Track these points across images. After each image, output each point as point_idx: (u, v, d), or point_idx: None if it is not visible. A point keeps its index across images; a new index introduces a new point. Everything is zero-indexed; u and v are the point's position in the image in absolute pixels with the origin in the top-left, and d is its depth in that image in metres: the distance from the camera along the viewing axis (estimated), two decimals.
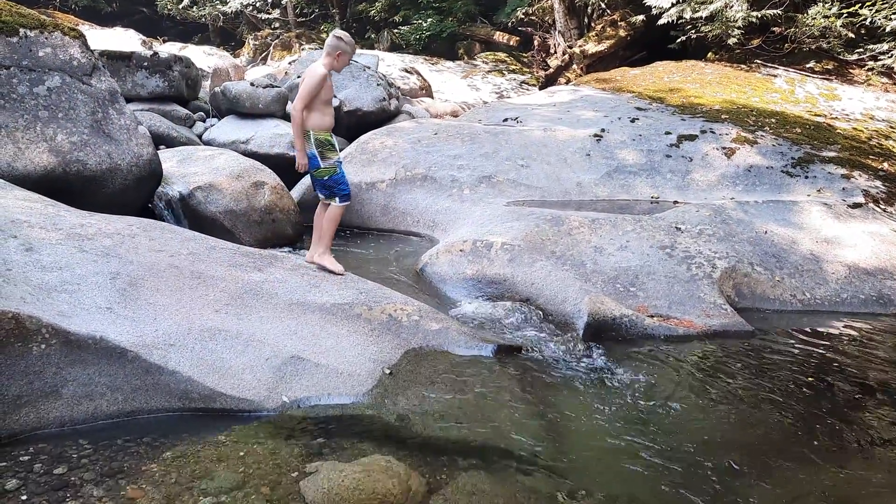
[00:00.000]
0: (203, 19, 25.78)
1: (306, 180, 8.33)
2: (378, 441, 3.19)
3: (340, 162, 4.85)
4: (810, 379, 4.26)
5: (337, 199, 4.86)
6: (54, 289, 3.39)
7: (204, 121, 10.44)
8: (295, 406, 3.41)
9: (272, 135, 9.49)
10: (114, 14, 25.81)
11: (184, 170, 6.77)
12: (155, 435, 3.11)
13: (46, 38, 5.34)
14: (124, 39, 18.51)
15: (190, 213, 6.38)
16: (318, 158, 4.70)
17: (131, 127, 5.63)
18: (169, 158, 6.90)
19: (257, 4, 24.96)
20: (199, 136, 9.75)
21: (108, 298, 3.51)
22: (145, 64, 9.64)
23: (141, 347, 3.29)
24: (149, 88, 9.63)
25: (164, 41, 22.60)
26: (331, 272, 4.77)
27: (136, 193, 5.70)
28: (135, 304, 3.56)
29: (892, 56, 9.55)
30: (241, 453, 2.98)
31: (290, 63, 14.91)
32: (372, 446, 3.13)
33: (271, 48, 22.56)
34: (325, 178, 4.78)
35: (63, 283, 3.46)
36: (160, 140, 8.54)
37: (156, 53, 9.98)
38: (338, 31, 4.75)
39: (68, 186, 5.13)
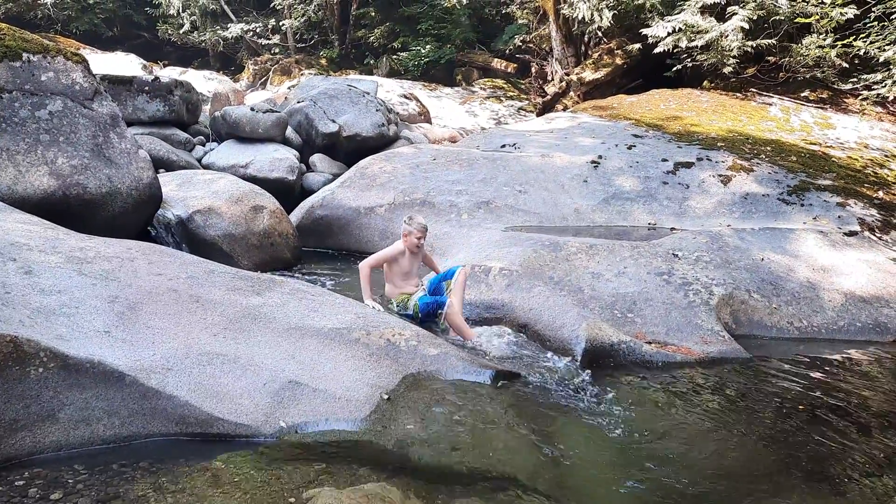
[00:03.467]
0: (203, 44, 26.01)
1: (305, 204, 8.37)
2: (376, 467, 3.17)
3: (420, 298, 5.25)
4: (807, 407, 4.26)
5: (440, 310, 5.13)
6: (53, 312, 3.38)
7: (204, 145, 10.50)
8: (292, 431, 3.39)
9: (271, 159, 9.54)
10: (115, 38, 25.98)
11: (183, 193, 6.80)
12: (151, 460, 3.09)
13: (49, 63, 5.39)
14: (125, 64, 18.65)
15: (189, 237, 6.40)
16: (405, 310, 5.18)
17: (132, 151, 5.66)
18: (168, 182, 6.94)
19: (257, 30, 25.20)
20: (199, 160, 9.81)
21: (106, 322, 3.51)
22: (146, 88, 9.71)
23: (139, 371, 3.28)
24: (149, 113, 9.69)
25: (165, 65, 22.77)
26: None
27: (136, 217, 5.72)
28: (133, 328, 3.56)
29: (885, 86, 9.65)
30: (238, 479, 2.96)
31: (289, 88, 15.04)
32: (369, 473, 3.11)
33: (271, 73, 22.73)
34: (419, 315, 5.19)
35: (62, 307, 3.46)
36: (160, 164, 8.59)
37: (157, 78, 10.07)
38: (410, 216, 5.46)
39: (68, 210, 5.15)
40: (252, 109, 10.20)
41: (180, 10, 25.19)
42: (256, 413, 3.40)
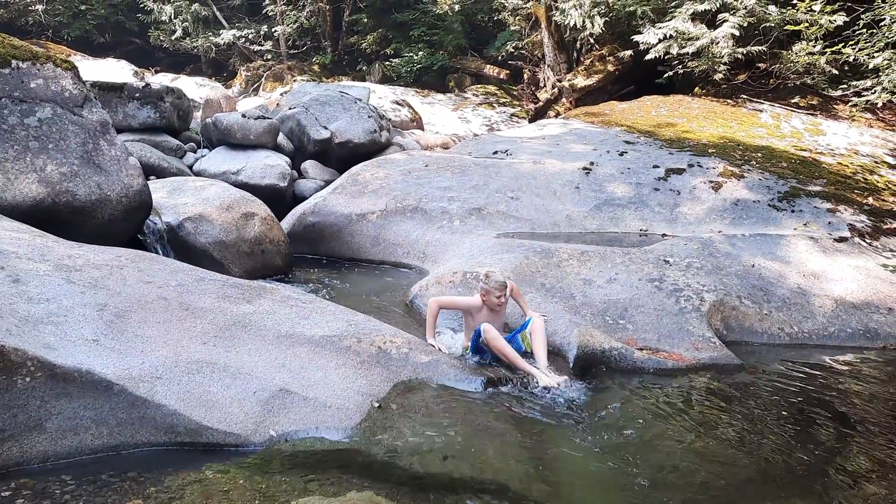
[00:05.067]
0: (195, 50, 25.92)
1: (296, 210, 8.36)
2: (366, 476, 3.16)
3: (470, 346, 4.81)
4: (797, 413, 4.26)
5: (481, 337, 4.64)
6: (41, 321, 3.36)
7: (195, 151, 10.46)
8: (282, 440, 3.38)
9: (263, 166, 9.52)
10: (106, 45, 25.84)
11: (174, 200, 6.78)
12: (140, 470, 3.07)
13: (38, 70, 5.36)
14: (116, 70, 18.57)
15: (179, 244, 6.37)
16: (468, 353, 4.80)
17: (122, 158, 5.64)
18: (159, 189, 6.91)
19: (250, 36, 25.14)
20: (190, 167, 9.77)
21: (94, 330, 3.49)
22: (137, 95, 9.68)
23: (127, 380, 3.26)
24: (140, 119, 9.66)
25: (157, 72, 22.69)
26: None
27: (126, 224, 5.69)
28: (122, 337, 3.54)
29: (875, 92, 9.70)
30: (227, 489, 2.94)
31: (281, 94, 15.01)
32: (360, 481, 3.10)
33: (263, 79, 22.68)
34: (471, 353, 4.78)
35: (50, 315, 3.43)
36: (151, 171, 8.56)
37: (147, 84, 10.04)
38: (487, 273, 4.90)
39: (57, 217, 5.12)
40: (243, 116, 10.18)
41: (172, 17, 25.11)
42: (246, 422, 3.39)
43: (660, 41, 11.65)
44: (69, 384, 3.13)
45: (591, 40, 14.82)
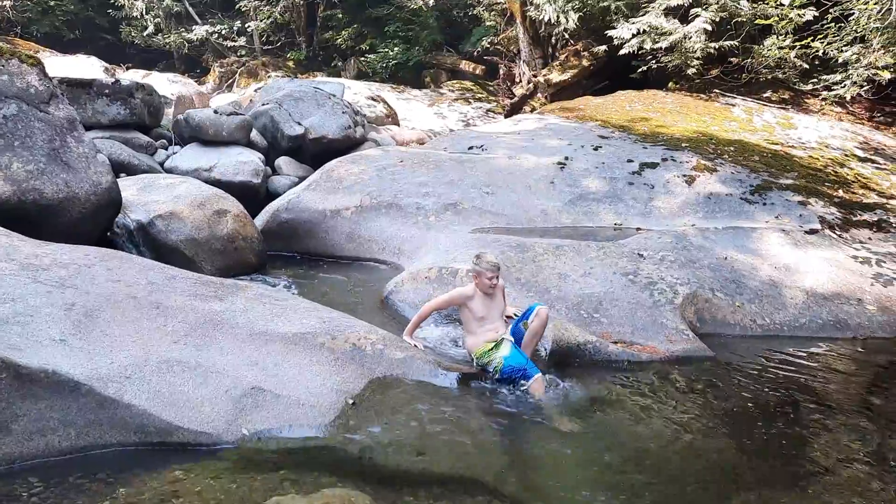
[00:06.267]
0: (168, 47, 25.61)
1: (270, 207, 8.28)
2: (340, 473, 3.15)
3: (506, 357, 4.36)
4: (769, 404, 4.31)
5: (523, 381, 4.26)
6: (6, 321, 3.30)
7: (166, 149, 10.31)
8: (255, 438, 3.35)
9: (236, 162, 9.41)
10: (77, 41, 25.39)
11: (144, 198, 6.68)
12: (109, 471, 3.03)
13: (3, 66, 5.26)
14: (86, 67, 18.24)
15: (150, 242, 6.29)
16: (485, 366, 4.46)
17: (90, 155, 5.55)
18: (129, 186, 6.81)
19: (223, 32, 24.88)
20: (161, 164, 9.63)
21: (62, 330, 3.43)
22: (106, 91, 9.51)
23: (95, 380, 3.21)
24: (109, 116, 9.49)
25: (128, 68, 22.36)
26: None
27: (95, 222, 5.60)
28: (90, 336, 3.48)
29: (844, 86, 9.82)
30: (199, 488, 2.91)
31: (255, 90, 14.86)
32: (334, 479, 3.08)
33: (237, 75, 22.49)
34: (496, 375, 4.37)
35: (15, 315, 3.37)
36: (121, 168, 8.43)
37: (117, 81, 9.89)
38: (478, 254, 4.73)
39: (24, 215, 5.02)
40: (215, 112, 10.06)
41: (144, 13, 24.78)
42: (218, 421, 3.35)
43: (633, 36, 11.70)
44: (35, 385, 3.08)
45: (566, 35, 14.86)
